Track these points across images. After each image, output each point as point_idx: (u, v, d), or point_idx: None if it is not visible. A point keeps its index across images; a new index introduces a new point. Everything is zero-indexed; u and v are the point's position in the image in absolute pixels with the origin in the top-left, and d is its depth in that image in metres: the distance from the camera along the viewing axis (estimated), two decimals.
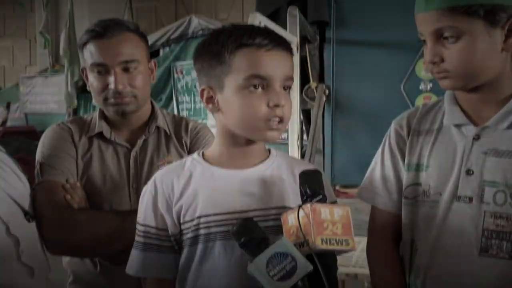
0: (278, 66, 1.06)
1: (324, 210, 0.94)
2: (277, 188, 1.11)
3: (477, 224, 1.08)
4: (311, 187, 0.99)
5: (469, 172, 1.10)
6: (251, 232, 0.94)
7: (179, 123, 1.60)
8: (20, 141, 4.94)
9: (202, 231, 1.07)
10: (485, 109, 1.13)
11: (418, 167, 1.18)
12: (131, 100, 1.47)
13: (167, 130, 1.56)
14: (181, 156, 1.51)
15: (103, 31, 1.44)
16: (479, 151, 1.10)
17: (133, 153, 1.51)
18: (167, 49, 4.64)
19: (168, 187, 1.11)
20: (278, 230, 1.01)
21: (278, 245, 0.91)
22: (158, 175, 1.15)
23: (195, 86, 4.56)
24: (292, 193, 1.10)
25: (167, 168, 1.18)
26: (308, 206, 0.95)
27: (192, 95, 4.61)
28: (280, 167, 1.15)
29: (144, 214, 1.13)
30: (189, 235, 1.09)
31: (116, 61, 1.44)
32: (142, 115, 1.55)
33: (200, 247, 1.08)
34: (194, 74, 4.54)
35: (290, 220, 0.98)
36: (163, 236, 1.11)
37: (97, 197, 1.47)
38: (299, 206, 0.97)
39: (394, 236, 1.23)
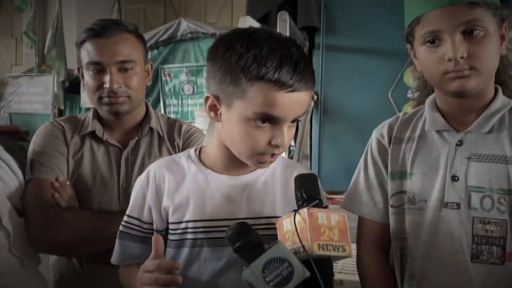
0: (295, 107, 0.99)
1: (321, 215, 0.93)
2: (269, 196, 1.10)
3: (467, 230, 1.08)
4: (307, 191, 0.98)
5: (454, 178, 1.11)
6: (247, 236, 0.92)
7: (172, 125, 1.60)
8: (3, 140, 4.85)
9: (189, 236, 1.06)
10: (466, 116, 1.13)
11: (402, 175, 1.18)
12: (125, 100, 1.47)
13: (160, 132, 1.55)
14: None
15: (101, 30, 1.44)
16: (463, 157, 1.11)
17: (124, 154, 1.51)
18: (155, 51, 4.61)
19: (160, 180, 1.10)
20: (268, 239, 0.98)
21: (275, 250, 0.89)
22: (152, 167, 1.14)
23: (182, 89, 4.54)
24: (284, 201, 1.09)
25: (161, 161, 1.16)
26: (305, 210, 0.93)
27: (180, 98, 4.59)
28: (274, 172, 1.13)
29: (132, 205, 1.13)
30: (174, 237, 1.07)
31: (112, 61, 1.44)
32: (136, 116, 1.55)
33: (185, 251, 1.06)
34: (182, 77, 4.53)
35: (285, 225, 0.96)
36: (146, 229, 1.10)
37: (86, 196, 1.47)
38: (295, 211, 0.95)
39: (383, 245, 1.22)
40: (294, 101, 0.99)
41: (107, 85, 1.44)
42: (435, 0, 1.05)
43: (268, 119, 0.99)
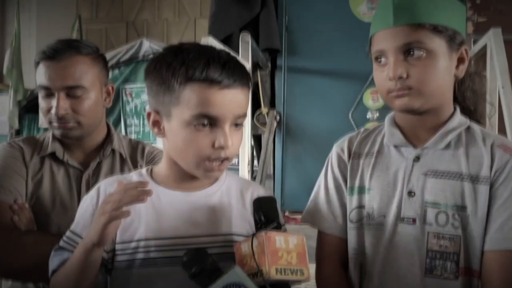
0: (231, 105, 1.00)
1: (279, 239, 0.93)
2: (225, 213, 1.08)
3: (421, 245, 1.10)
4: (265, 214, 0.98)
5: (411, 194, 1.13)
6: (202, 262, 0.91)
7: (135, 147, 1.57)
8: None
9: (140, 255, 1.02)
10: (423, 132, 1.16)
11: (361, 190, 1.19)
12: (74, 126, 1.43)
13: (123, 154, 1.53)
14: None
15: (52, 54, 1.41)
16: (420, 172, 1.13)
17: (85, 176, 1.47)
18: (116, 71, 4.56)
19: None
20: (225, 257, 0.99)
21: (231, 276, 0.88)
22: (102, 184, 1.10)
23: (144, 109, 4.50)
24: (240, 218, 1.08)
25: (112, 178, 1.13)
26: (262, 234, 0.93)
27: (141, 118, 4.54)
28: (229, 190, 1.12)
29: (77, 221, 1.08)
30: (123, 258, 1.03)
31: (60, 86, 1.40)
32: (96, 137, 1.51)
33: (135, 272, 1.02)
34: (144, 97, 4.49)
35: (243, 248, 0.95)
36: None
37: (45, 219, 1.42)
38: (253, 234, 0.95)
39: (342, 260, 1.22)
40: (230, 99, 1.00)
41: (53, 111, 1.41)
42: (382, 21, 1.10)
43: (207, 119, 0.99)
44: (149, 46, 4.46)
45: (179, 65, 1.00)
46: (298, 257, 0.94)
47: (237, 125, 1.04)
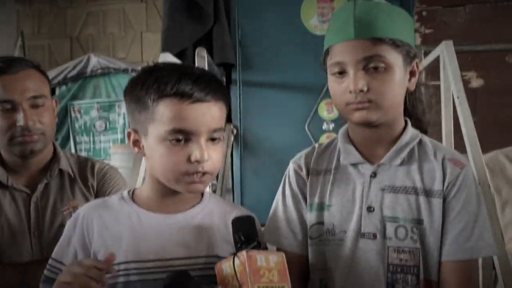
0: (204, 119, 1.01)
1: (260, 257, 0.93)
2: (206, 236, 1.07)
3: (383, 259, 1.12)
4: (245, 233, 0.98)
5: (370, 209, 1.14)
6: (185, 285, 0.90)
7: (84, 164, 1.53)
8: None
9: (120, 279, 1.01)
10: (378, 148, 1.18)
11: (320, 207, 1.20)
12: (39, 138, 1.40)
13: (71, 173, 1.48)
14: (87, 200, 1.45)
15: (6, 67, 1.37)
16: (377, 188, 1.15)
17: (33, 199, 1.42)
18: (63, 87, 4.45)
19: (88, 224, 1.05)
20: (206, 280, 0.98)
21: None
22: (83, 209, 1.10)
23: (94, 126, 4.39)
24: (222, 241, 1.07)
25: (91, 203, 1.12)
26: (243, 253, 0.93)
27: (91, 135, 4.43)
28: (211, 213, 1.11)
29: (57, 248, 1.08)
30: None
31: (24, 97, 1.37)
32: (43, 157, 1.47)
33: None
34: (93, 113, 4.38)
35: (224, 269, 0.95)
36: None
37: None
38: (234, 254, 0.94)
39: (303, 278, 1.22)
40: (202, 112, 1.00)
41: (21, 123, 1.36)
42: (342, 33, 1.11)
43: (182, 134, 0.99)
44: (97, 61, 4.38)
45: (152, 83, 1.00)
46: (279, 274, 0.94)
47: (214, 139, 1.04)
